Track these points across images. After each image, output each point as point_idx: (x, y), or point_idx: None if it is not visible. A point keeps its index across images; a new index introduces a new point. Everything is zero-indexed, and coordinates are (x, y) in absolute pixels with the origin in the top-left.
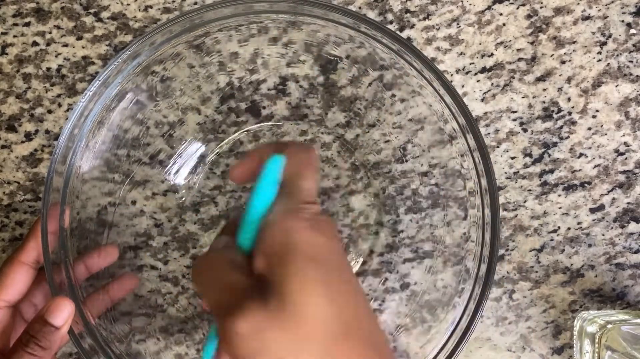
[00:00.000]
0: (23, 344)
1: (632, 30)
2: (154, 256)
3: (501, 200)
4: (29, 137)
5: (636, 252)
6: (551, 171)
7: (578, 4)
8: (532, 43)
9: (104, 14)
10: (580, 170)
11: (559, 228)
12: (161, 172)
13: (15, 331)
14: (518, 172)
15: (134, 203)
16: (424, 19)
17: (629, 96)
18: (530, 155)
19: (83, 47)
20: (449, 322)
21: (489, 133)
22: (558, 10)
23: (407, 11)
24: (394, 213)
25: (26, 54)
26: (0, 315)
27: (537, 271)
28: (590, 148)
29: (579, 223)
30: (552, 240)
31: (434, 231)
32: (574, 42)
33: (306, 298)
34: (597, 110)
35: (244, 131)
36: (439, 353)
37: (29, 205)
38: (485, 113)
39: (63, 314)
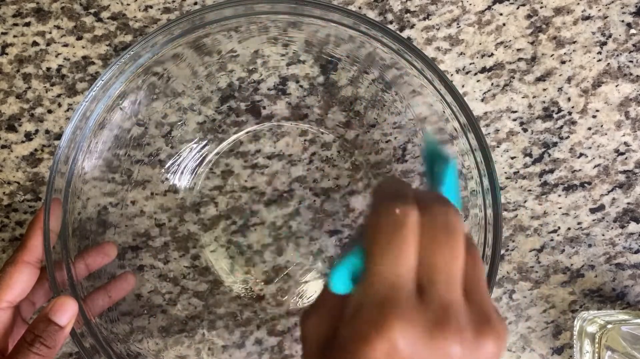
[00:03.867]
0: (28, 344)
1: (632, 30)
2: (154, 256)
3: (501, 199)
4: (29, 137)
5: (636, 252)
6: (551, 171)
7: (578, 4)
8: (532, 43)
9: (104, 14)
10: (580, 170)
11: (559, 228)
12: (161, 172)
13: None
14: (518, 171)
15: (134, 203)
16: (424, 19)
17: (629, 96)
18: (530, 155)
19: (83, 47)
20: None
21: (489, 133)
22: (558, 10)
23: (407, 11)
24: None
25: (26, 54)
26: (2, 315)
27: (537, 271)
28: (590, 148)
29: (579, 223)
30: (552, 240)
31: None
32: (574, 42)
33: None
34: (597, 110)
35: (245, 131)
36: None
37: (29, 205)
38: (485, 113)
39: (67, 313)
